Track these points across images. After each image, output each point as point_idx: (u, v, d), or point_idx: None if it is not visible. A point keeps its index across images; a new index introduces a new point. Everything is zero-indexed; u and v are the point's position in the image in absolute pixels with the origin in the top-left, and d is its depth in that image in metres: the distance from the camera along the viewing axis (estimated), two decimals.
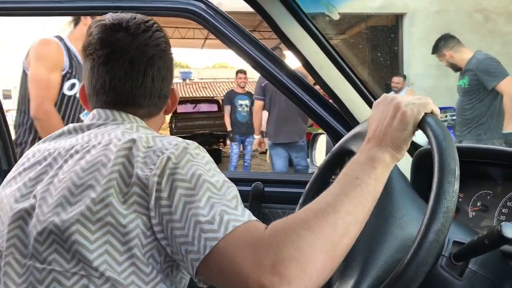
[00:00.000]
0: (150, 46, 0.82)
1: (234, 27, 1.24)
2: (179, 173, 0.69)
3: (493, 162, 0.96)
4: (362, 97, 1.18)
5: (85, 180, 0.72)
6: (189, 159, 0.71)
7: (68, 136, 0.82)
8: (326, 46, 1.13)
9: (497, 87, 3.44)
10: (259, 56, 1.23)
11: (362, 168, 0.69)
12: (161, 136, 0.76)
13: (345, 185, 0.67)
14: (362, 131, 0.83)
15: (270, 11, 1.09)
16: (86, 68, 0.85)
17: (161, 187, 0.68)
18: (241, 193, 1.28)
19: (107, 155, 0.73)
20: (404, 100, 0.73)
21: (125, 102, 0.83)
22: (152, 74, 0.83)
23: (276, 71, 1.23)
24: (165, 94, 0.88)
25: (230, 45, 1.25)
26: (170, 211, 0.67)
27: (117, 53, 0.81)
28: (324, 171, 0.95)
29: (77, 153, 0.76)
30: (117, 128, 0.78)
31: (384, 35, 9.26)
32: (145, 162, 0.71)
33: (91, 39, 0.83)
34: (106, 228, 0.68)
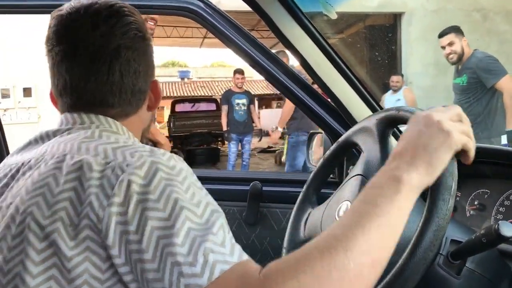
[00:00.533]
0: (114, 35, 0.69)
1: (232, 26, 1.24)
2: (149, 199, 0.55)
3: (491, 161, 0.96)
4: (360, 96, 1.18)
5: (26, 206, 0.59)
6: (162, 177, 0.57)
7: (34, 146, 0.71)
8: (324, 45, 1.13)
9: (496, 85, 3.45)
10: (257, 55, 1.23)
11: (382, 193, 0.56)
12: (124, 146, 0.63)
13: (360, 215, 0.54)
14: (368, 126, 0.83)
15: (268, 10, 1.09)
16: (48, 66, 0.73)
17: (127, 218, 0.55)
18: (239, 192, 1.30)
19: (56, 176, 0.60)
20: (450, 121, 0.65)
21: (91, 103, 0.71)
22: (120, 68, 0.70)
23: (275, 70, 1.23)
24: (140, 89, 0.74)
25: (229, 44, 1.25)
26: (140, 248, 0.53)
27: (75, 48, 0.69)
28: (328, 162, 0.95)
29: (30, 170, 0.64)
30: (78, 137, 0.66)
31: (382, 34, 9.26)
32: (101, 185, 0.57)
33: (49, 33, 0.71)
34: (50, 271, 0.56)
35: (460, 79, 3.64)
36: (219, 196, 1.31)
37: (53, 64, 0.71)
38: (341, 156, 0.97)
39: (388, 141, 0.81)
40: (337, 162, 0.98)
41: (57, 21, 0.70)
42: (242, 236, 1.30)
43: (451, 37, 3.58)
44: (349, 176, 0.86)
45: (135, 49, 0.71)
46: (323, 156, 0.97)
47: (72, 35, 0.69)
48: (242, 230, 1.30)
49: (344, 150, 0.94)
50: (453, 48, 3.58)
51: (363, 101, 1.19)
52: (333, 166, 0.98)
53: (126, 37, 0.70)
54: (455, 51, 3.56)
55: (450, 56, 3.59)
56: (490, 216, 0.95)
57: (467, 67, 3.57)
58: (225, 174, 1.56)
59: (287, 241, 0.93)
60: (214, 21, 1.23)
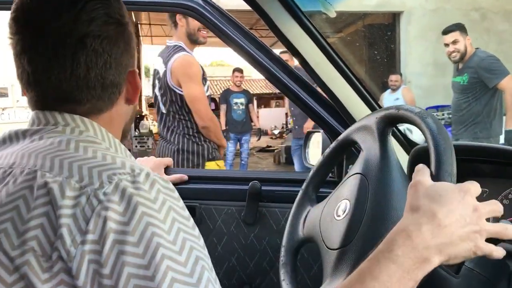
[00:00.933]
0: (80, 23, 0.60)
1: (231, 24, 1.24)
2: (128, 242, 0.50)
3: (489, 160, 0.96)
4: (359, 94, 1.18)
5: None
6: (142, 213, 0.51)
7: (2, 146, 0.64)
8: (323, 44, 1.12)
9: (498, 85, 3.45)
10: (256, 53, 1.22)
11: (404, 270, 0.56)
12: (103, 165, 0.56)
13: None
14: (368, 124, 0.83)
15: (267, 9, 1.08)
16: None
17: (102, 259, 0.49)
18: (238, 192, 1.29)
19: (27, 198, 0.53)
20: (484, 219, 0.59)
21: (57, 99, 0.63)
22: (86, 60, 0.61)
23: (274, 68, 1.23)
24: (113, 82, 0.65)
25: (227, 41, 1.24)
26: None
27: (36, 38, 0.61)
28: (328, 160, 0.95)
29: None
30: (51, 147, 0.59)
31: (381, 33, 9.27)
32: (74, 215, 0.51)
33: (9, 20, 0.63)
34: None
35: (461, 78, 3.63)
36: (217, 196, 1.32)
37: (14, 55, 0.64)
38: (340, 155, 0.97)
39: (388, 140, 0.81)
40: (336, 160, 0.98)
41: (17, 6, 0.63)
42: (240, 236, 1.30)
43: (456, 35, 3.54)
44: (348, 175, 0.86)
45: (105, 37, 0.63)
46: (323, 154, 0.97)
47: (32, 23, 0.61)
48: (241, 229, 1.30)
49: (343, 149, 0.94)
50: (457, 46, 3.55)
51: (362, 100, 1.19)
52: (332, 165, 0.98)
53: (94, 25, 0.62)
54: (459, 50, 3.54)
55: (453, 54, 3.56)
56: None
57: (469, 66, 3.56)
58: (224, 174, 1.56)
59: (286, 239, 0.93)
60: (213, 19, 1.23)
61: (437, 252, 0.56)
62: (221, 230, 1.30)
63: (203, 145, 2.58)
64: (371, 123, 0.82)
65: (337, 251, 0.76)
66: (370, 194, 0.76)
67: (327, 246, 0.80)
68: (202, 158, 2.58)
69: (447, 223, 0.57)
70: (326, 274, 0.77)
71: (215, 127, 2.58)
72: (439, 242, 0.57)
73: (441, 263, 0.58)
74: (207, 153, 2.58)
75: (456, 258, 0.58)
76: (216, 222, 1.30)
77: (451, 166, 0.63)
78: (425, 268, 0.56)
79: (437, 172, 0.63)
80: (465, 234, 0.57)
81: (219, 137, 2.65)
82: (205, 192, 1.33)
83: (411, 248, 0.56)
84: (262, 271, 1.30)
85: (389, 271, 0.55)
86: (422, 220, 0.58)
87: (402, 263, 0.55)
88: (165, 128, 2.61)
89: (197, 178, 1.37)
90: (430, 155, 0.65)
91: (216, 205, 1.30)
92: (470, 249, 0.58)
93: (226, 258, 1.30)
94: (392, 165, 0.78)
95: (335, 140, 0.94)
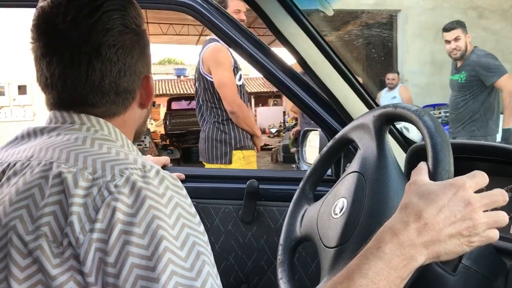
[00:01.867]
0: (96, 32, 0.64)
1: (230, 22, 1.24)
2: (134, 233, 0.52)
3: (486, 157, 0.96)
4: (356, 93, 1.18)
5: (9, 220, 0.56)
6: (150, 206, 0.54)
7: (21, 142, 0.68)
8: (320, 43, 1.12)
9: (496, 83, 3.45)
10: (255, 52, 1.22)
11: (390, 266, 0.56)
12: (116, 160, 0.59)
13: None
14: (365, 122, 0.83)
15: (265, 7, 1.08)
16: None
17: (108, 247, 0.52)
18: (235, 190, 1.29)
19: (42, 187, 0.57)
20: (483, 209, 0.59)
21: (72, 101, 0.67)
22: (100, 68, 0.65)
23: (272, 66, 1.23)
24: (126, 88, 0.69)
25: (226, 40, 1.24)
26: (117, 283, 0.51)
27: (54, 44, 0.65)
28: (325, 158, 0.95)
29: (15, 176, 0.60)
30: (68, 142, 0.62)
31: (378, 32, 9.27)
32: (85, 205, 0.54)
33: (30, 26, 0.67)
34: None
35: (459, 75, 3.63)
36: (215, 194, 1.31)
37: (35, 59, 0.68)
38: (338, 153, 0.97)
39: (385, 138, 0.81)
40: (334, 158, 0.98)
41: (38, 13, 0.66)
42: (238, 234, 1.30)
43: (458, 32, 3.54)
44: (345, 173, 0.86)
45: (120, 46, 0.66)
46: (320, 153, 0.97)
47: (51, 31, 0.65)
48: (239, 228, 1.29)
49: (341, 147, 0.94)
50: (458, 43, 3.54)
51: (359, 98, 1.19)
52: (330, 163, 0.98)
53: (110, 35, 0.65)
54: (460, 47, 3.53)
55: (454, 51, 3.55)
56: None
57: (467, 64, 3.56)
58: (222, 172, 1.56)
59: (283, 237, 0.93)
60: (212, 17, 1.22)
61: (424, 249, 0.57)
62: (219, 229, 1.29)
63: (230, 134, 2.59)
64: (368, 121, 0.82)
65: (335, 249, 0.76)
66: (367, 193, 0.76)
67: (325, 244, 0.80)
68: (230, 147, 2.59)
69: (434, 221, 0.57)
70: (324, 273, 0.77)
71: (244, 113, 2.57)
72: (426, 239, 0.57)
73: (430, 261, 0.58)
74: (235, 142, 2.59)
75: (447, 255, 0.58)
76: (214, 221, 1.29)
77: (448, 164, 0.63)
78: (412, 266, 0.57)
79: (434, 170, 0.63)
80: (455, 231, 0.57)
81: (250, 125, 2.64)
82: (202, 191, 1.32)
83: (398, 246, 0.57)
84: (259, 270, 1.29)
85: (376, 268, 0.56)
86: (409, 219, 0.58)
87: (389, 260, 0.56)
88: (201, 119, 2.68)
89: (195, 177, 1.36)
90: (427, 153, 0.66)
91: (213, 204, 1.29)
92: (462, 244, 0.58)
93: (224, 257, 1.30)
94: (389, 164, 0.78)
95: (333, 139, 0.94)
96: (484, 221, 0.58)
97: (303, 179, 0.97)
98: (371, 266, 0.56)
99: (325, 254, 0.79)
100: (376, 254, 0.57)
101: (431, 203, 0.58)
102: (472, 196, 0.59)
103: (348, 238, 0.75)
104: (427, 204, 0.58)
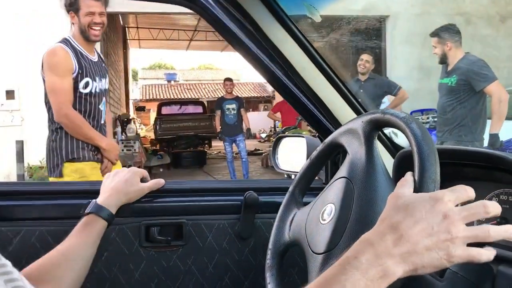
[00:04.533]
0: None
1: (237, 22, 1.14)
2: None
3: (473, 163, 0.97)
4: (344, 99, 1.18)
5: None
6: None
7: None
8: (308, 48, 1.12)
9: (486, 89, 3.51)
10: (259, 54, 1.15)
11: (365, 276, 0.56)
12: None
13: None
14: (354, 127, 0.83)
15: (252, 12, 1.08)
16: None
17: None
18: (229, 204, 1.19)
19: None
20: (463, 223, 0.58)
21: None
22: None
23: (275, 69, 1.17)
24: None
25: (231, 39, 1.15)
26: None
27: None
28: (315, 160, 0.95)
29: None
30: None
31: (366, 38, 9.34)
32: None
33: None
34: None
35: (449, 79, 3.69)
36: (207, 210, 1.20)
37: None
38: (327, 158, 0.97)
39: (373, 144, 0.81)
40: (323, 163, 0.98)
41: None
42: (234, 251, 1.21)
43: (435, 41, 3.67)
44: (334, 179, 0.86)
45: None
46: (309, 157, 0.97)
47: None
48: (234, 245, 1.20)
49: (330, 151, 0.94)
50: (436, 51, 3.64)
51: (347, 104, 1.19)
52: (319, 167, 0.98)
53: None
54: (438, 53, 3.64)
55: (438, 55, 3.70)
56: None
57: (458, 68, 3.63)
58: (213, 185, 1.38)
59: (272, 242, 0.93)
60: (219, 15, 1.12)
61: (401, 261, 0.56)
62: (212, 247, 1.19)
63: (61, 144, 2.38)
64: (357, 126, 0.83)
65: (322, 255, 0.76)
66: (355, 198, 0.76)
67: (313, 250, 0.80)
68: (60, 158, 2.37)
69: (410, 233, 0.57)
70: (311, 279, 0.77)
71: (75, 124, 2.35)
72: (402, 251, 0.56)
73: (408, 274, 0.57)
74: (66, 153, 2.37)
75: (424, 268, 0.57)
76: (207, 239, 1.19)
77: (434, 173, 0.64)
78: (389, 278, 0.56)
79: (420, 178, 0.64)
80: (432, 243, 0.56)
81: (87, 136, 2.38)
82: (192, 207, 1.20)
83: (374, 256, 0.56)
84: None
85: (353, 279, 0.55)
86: (385, 230, 0.58)
87: (366, 270, 0.56)
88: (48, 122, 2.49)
89: (183, 191, 1.24)
90: (414, 161, 0.66)
91: (206, 220, 1.19)
92: (440, 258, 0.56)
93: (219, 277, 1.20)
94: (377, 170, 0.78)
95: (322, 143, 0.94)
96: (463, 235, 0.57)
97: (293, 183, 0.97)
98: (349, 276, 0.55)
99: (313, 260, 0.78)
100: (353, 264, 0.56)
101: (408, 215, 0.58)
102: (450, 208, 0.58)
103: (336, 244, 0.75)
104: (404, 216, 0.58)
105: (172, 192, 1.22)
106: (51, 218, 1.11)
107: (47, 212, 1.12)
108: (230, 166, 7.85)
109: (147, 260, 1.14)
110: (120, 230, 1.12)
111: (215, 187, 1.31)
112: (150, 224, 1.14)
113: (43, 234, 1.09)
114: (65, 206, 1.13)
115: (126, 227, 1.13)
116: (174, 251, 1.16)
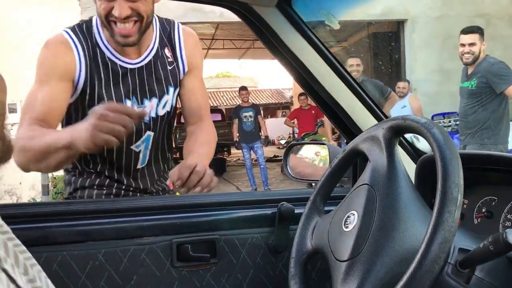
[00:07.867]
0: None
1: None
2: None
3: (498, 168, 0.96)
4: (365, 105, 1.18)
5: None
6: None
7: None
8: (327, 56, 1.13)
9: (506, 90, 3.46)
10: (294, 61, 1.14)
11: None
12: None
13: None
14: (375, 134, 0.84)
15: (270, 22, 1.09)
16: None
17: None
18: (262, 216, 1.14)
19: None
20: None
21: None
22: None
23: (305, 72, 1.16)
24: None
25: (270, 47, 1.15)
26: None
27: None
28: (337, 168, 0.95)
29: None
30: None
31: (385, 42, 9.28)
32: None
33: None
34: None
35: (469, 82, 3.63)
36: (240, 224, 1.15)
37: None
38: (348, 165, 0.97)
39: (395, 150, 0.81)
40: (344, 171, 0.98)
41: None
42: (268, 267, 1.15)
43: (475, 37, 3.55)
44: (356, 185, 0.86)
45: None
46: (330, 165, 0.97)
47: None
48: (268, 259, 1.15)
49: (351, 159, 0.94)
50: (472, 48, 3.55)
51: (368, 110, 1.19)
52: (340, 175, 0.98)
53: None
54: (473, 52, 3.54)
55: (467, 56, 3.56)
56: (498, 224, 0.95)
57: (478, 71, 3.57)
58: (245, 197, 1.29)
59: (295, 250, 0.93)
60: (259, 22, 1.12)
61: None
62: (246, 263, 1.13)
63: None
64: (378, 133, 0.83)
65: (346, 263, 0.76)
66: (378, 205, 0.76)
67: (336, 257, 0.80)
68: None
69: None
70: (336, 286, 0.77)
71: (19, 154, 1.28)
72: None
73: None
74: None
75: None
76: (240, 255, 1.13)
77: (458, 177, 0.64)
78: None
79: (444, 183, 0.63)
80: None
81: (42, 151, 1.21)
82: (225, 221, 1.14)
83: None
84: None
85: None
86: None
87: None
88: None
89: (214, 205, 1.16)
90: (437, 167, 0.66)
91: (239, 235, 1.13)
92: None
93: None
94: (399, 176, 0.78)
95: (343, 151, 0.94)
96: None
97: (314, 191, 0.97)
98: None
99: (336, 268, 0.79)
100: None
101: None
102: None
103: (359, 251, 0.75)
104: None
105: (201, 207, 1.15)
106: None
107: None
108: (250, 173, 7.83)
109: (179, 281, 1.07)
110: (150, 250, 1.05)
111: (245, 200, 1.25)
112: (182, 242, 1.07)
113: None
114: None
115: (156, 246, 1.06)
116: (207, 270, 1.10)
